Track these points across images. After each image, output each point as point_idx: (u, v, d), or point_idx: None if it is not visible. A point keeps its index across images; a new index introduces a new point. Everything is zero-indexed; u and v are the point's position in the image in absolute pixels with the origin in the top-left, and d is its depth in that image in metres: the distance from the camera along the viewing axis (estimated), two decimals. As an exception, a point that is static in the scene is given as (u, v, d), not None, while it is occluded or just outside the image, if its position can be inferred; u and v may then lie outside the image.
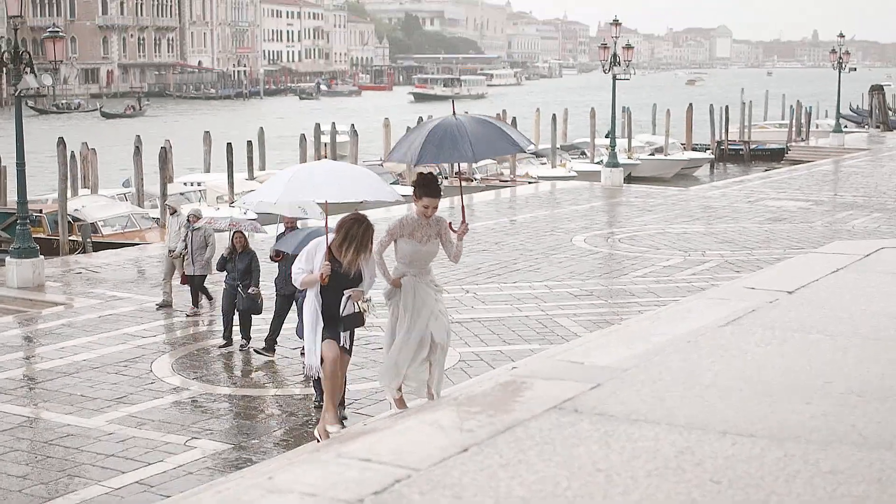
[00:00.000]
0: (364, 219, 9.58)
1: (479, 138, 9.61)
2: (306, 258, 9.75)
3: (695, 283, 19.25)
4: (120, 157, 51.89)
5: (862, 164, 44.48)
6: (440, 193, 9.90)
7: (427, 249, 9.83)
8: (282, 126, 79.57)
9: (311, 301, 9.71)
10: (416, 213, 9.85)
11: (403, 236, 9.80)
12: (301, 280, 9.75)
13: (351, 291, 9.64)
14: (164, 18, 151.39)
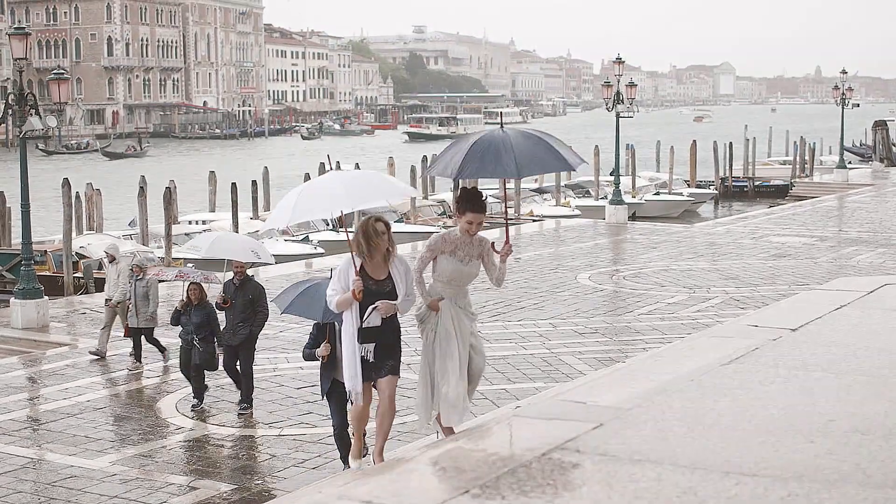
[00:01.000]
0: (379, 218, 9.11)
1: (525, 153, 8.98)
2: (339, 277, 9.14)
3: (700, 321, 19.21)
4: (123, 197, 51.98)
5: (866, 200, 44.46)
6: (485, 209, 9.30)
7: (468, 270, 9.25)
8: (286, 166, 79.72)
9: (350, 324, 9.10)
10: (460, 230, 9.23)
11: (445, 253, 9.21)
12: (336, 302, 9.09)
13: (380, 303, 9.00)
14: (169, 59, 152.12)
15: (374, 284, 9.05)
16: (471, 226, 9.12)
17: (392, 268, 9.09)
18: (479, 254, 9.25)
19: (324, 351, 10.98)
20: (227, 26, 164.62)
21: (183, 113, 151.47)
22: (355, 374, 9.06)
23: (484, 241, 9.32)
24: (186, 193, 48.13)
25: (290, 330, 18.97)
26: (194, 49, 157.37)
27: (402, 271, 9.14)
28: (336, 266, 9.48)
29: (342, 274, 9.11)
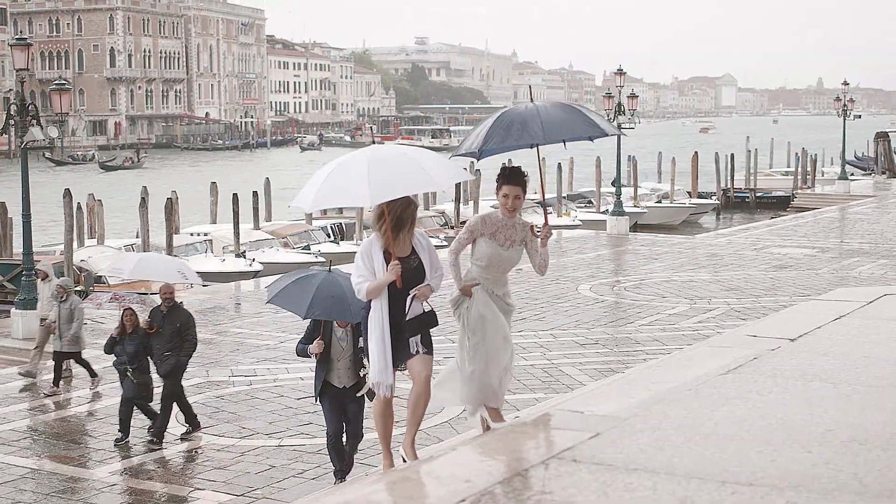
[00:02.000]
0: (408, 199, 8.35)
1: (553, 118, 8.37)
2: (362, 261, 8.27)
3: (701, 332, 19.20)
4: (122, 209, 52.00)
5: (868, 211, 44.47)
6: (524, 182, 8.63)
7: (508, 255, 8.59)
8: (287, 177, 79.74)
9: (379, 310, 8.24)
10: (500, 212, 8.63)
11: (484, 235, 8.57)
12: (366, 289, 8.20)
13: (417, 290, 8.24)
14: (171, 70, 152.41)
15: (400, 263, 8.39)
16: (507, 199, 8.50)
17: (416, 243, 8.40)
18: (522, 238, 8.64)
19: (316, 348, 10.78)
20: (229, 38, 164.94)
21: (185, 124, 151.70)
22: (385, 367, 8.23)
23: (527, 224, 8.73)
24: (187, 205, 48.17)
25: (290, 340, 18.96)
26: (197, 60, 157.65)
27: (425, 245, 8.47)
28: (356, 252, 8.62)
29: (365, 257, 8.29)
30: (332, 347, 10.89)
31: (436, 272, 8.39)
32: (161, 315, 14.25)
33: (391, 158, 8.27)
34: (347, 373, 10.95)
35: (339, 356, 10.93)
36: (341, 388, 10.98)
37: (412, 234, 8.33)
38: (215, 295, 25.20)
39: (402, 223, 8.22)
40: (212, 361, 18.07)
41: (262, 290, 25.46)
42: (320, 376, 10.91)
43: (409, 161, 8.32)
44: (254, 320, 21.74)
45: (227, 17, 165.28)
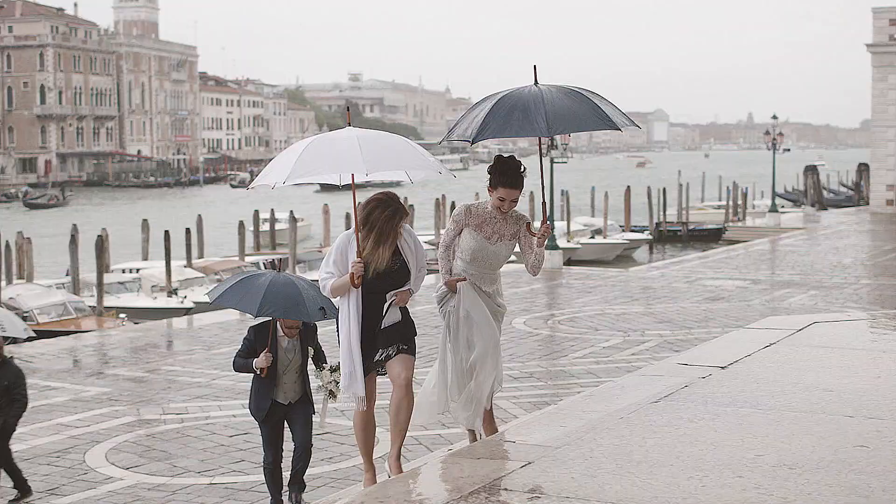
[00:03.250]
0: (391, 201, 7.68)
1: (559, 108, 7.53)
2: (336, 256, 7.71)
3: (634, 363, 19.24)
4: (49, 247, 51.50)
5: (798, 243, 44.99)
6: (522, 184, 7.99)
7: (495, 251, 7.95)
8: (219, 214, 79.39)
9: (347, 312, 7.64)
10: (490, 205, 8.01)
11: (469, 226, 7.96)
12: (329, 286, 7.67)
13: (394, 294, 7.63)
14: (103, 108, 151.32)
15: (371, 267, 7.73)
16: (503, 203, 7.91)
17: (401, 241, 7.74)
18: (514, 233, 7.99)
19: (264, 362, 9.39)
20: (161, 75, 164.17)
21: (117, 161, 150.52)
22: (354, 377, 7.62)
23: (521, 218, 8.08)
24: (117, 242, 47.76)
25: (223, 378, 18.79)
26: (128, 97, 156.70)
27: (411, 244, 7.79)
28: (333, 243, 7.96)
29: (340, 251, 7.70)
30: (277, 360, 9.58)
31: (419, 272, 7.85)
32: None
33: (379, 136, 7.84)
34: (294, 387, 9.65)
35: (285, 368, 9.61)
36: (286, 405, 9.71)
37: (392, 247, 7.66)
38: (147, 332, 24.93)
39: (383, 236, 7.58)
40: (143, 399, 17.84)
41: (194, 328, 25.25)
42: (264, 394, 9.61)
43: (398, 140, 7.87)
44: (186, 358, 21.51)
45: (159, 53, 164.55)
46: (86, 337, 25.36)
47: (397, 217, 7.58)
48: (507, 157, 8.12)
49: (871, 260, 37.61)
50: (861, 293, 28.66)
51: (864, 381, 7.76)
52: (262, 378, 9.51)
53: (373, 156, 7.37)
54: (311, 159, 7.49)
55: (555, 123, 7.51)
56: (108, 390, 18.27)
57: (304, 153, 7.50)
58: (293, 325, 9.38)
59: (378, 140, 7.69)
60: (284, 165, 7.57)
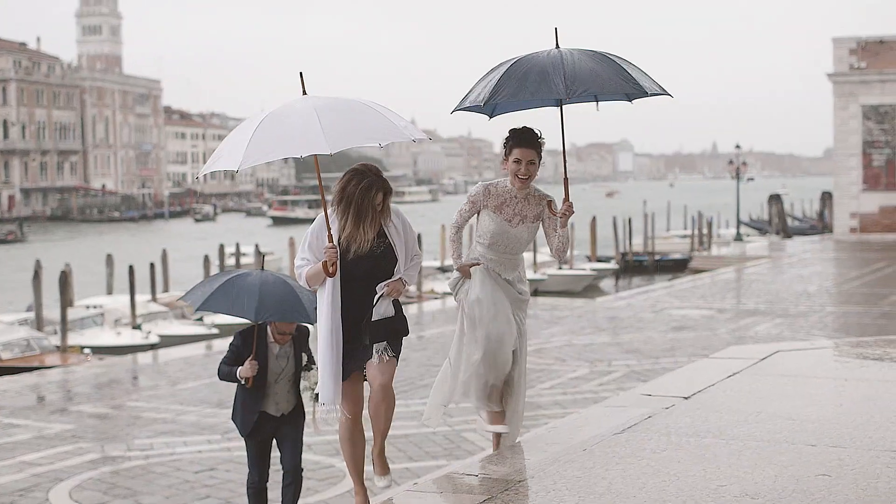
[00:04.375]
0: (368, 171, 6.86)
1: (580, 70, 6.78)
2: (311, 239, 6.82)
3: (601, 394, 19.25)
4: (6, 284, 51.23)
5: (763, 272, 45.20)
6: (538, 145, 7.20)
7: (516, 234, 7.21)
8: (184, 247, 79.11)
9: (325, 304, 6.68)
10: (510, 182, 7.23)
11: (487, 207, 7.23)
12: (304, 274, 6.73)
13: (386, 286, 6.68)
14: (66, 142, 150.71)
15: (351, 252, 6.74)
16: (518, 165, 7.10)
17: (387, 222, 6.82)
18: (536, 214, 7.22)
19: (248, 371, 8.53)
20: (125, 108, 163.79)
21: (81, 196, 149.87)
22: (333, 382, 6.69)
23: (543, 198, 7.30)
24: (80, 277, 47.50)
25: (188, 413, 18.69)
26: (92, 131, 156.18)
27: (399, 226, 6.84)
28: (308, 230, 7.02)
29: (315, 234, 6.82)
30: (267, 369, 8.68)
31: (411, 261, 6.84)
32: None
33: (338, 102, 6.83)
34: (287, 396, 8.76)
35: (276, 377, 8.71)
36: (278, 417, 8.80)
37: (376, 227, 6.74)
38: (111, 368, 24.78)
39: (363, 212, 6.66)
40: (107, 436, 17.71)
41: (159, 363, 25.11)
42: (252, 406, 8.70)
43: (361, 105, 6.86)
44: (151, 393, 21.38)
45: (123, 87, 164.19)
46: (49, 373, 25.17)
47: (374, 189, 6.70)
48: (521, 126, 7.30)
49: (835, 288, 37.84)
50: (826, 321, 28.83)
51: (826, 410, 7.79)
52: (247, 389, 8.64)
53: (335, 128, 6.54)
54: (266, 139, 6.61)
55: (574, 85, 6.75)
56: (71, 427, 18.13)
57: (256, 133, 6.64)
58: (286, 330, 8.60)
59: (338, 108, 6.77)
60: (235, 148, 6.75)
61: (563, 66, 6.77)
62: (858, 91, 56.29)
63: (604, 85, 6.80)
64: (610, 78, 6.82)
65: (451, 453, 15.67)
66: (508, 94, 6.84)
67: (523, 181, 7.19)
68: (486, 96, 6.87)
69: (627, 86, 6.85)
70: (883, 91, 55.94)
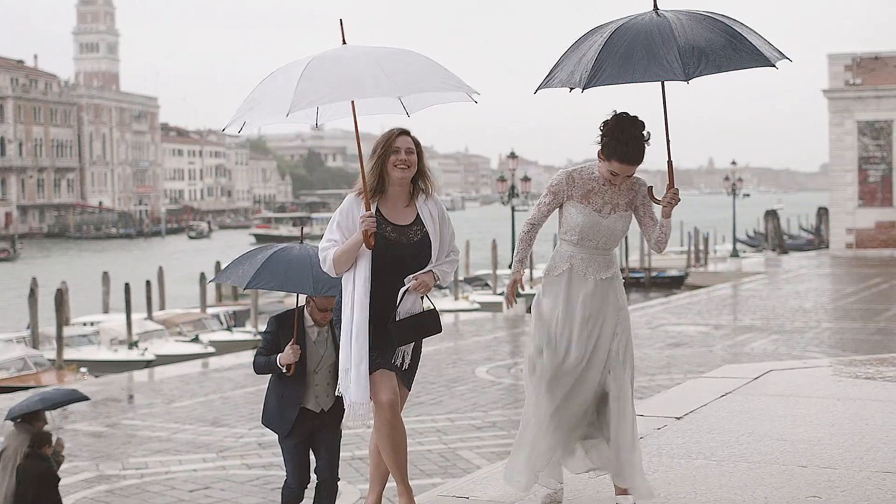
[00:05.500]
0: (404, 129, 6.11)
1: (696, 42, 5.71)
2: (340, 218, 6.01)
3: (596, 411, 19.24)
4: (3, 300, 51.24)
5: (759, 288, 45.24)
6: (642, 157, 6.11)
7: (609, 226, 6.18)
8: (180, 265, 79.12)
9: (351, 293, 5.89)
10: (597, 169, 6.23)
11: (573, 198, 6.19)
12: (331, 255, 5.89)
13: (414, 279, 5.92)
14: (63, 159, 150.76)
15: (393, 232, 5.96)
16: (614, 178, 6.12)
17: (421, 208, 6.07)
18: (629, 201, 6.23)
19: (291, 356, 7.63)
20: (122, 126, 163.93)
21: (78, 213, 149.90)
22: (359, 380, 5.81)
23: (637, 183, 6.26)
24: (76, 295, 47.48)
25: (183, 431, 18.69)
26: (89, 149, 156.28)
27: (435, 213, 6.09)
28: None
29: (344, 215, 5.99)
30: (306, 356, 7.81)
31: (447, 255, 6.11)
32: None
33: (391, 51, 5.94)
34: (327, 389, 7.85)
35: (316, 366, 7.84)
36: (318, 413, 7.89)
37: (418, 197, 6.07)
38: (107, 386, 24.78)
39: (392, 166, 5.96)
40: (102, 455, 17.72)
41: (155, 381, 25.12)
42: (292, 401, 7.80)
43: (415, 54, 5.96)
44: (146, 411, 21.39)
45: (120, 105, 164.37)
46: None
47: (396, 132, 6.03)
48: (630, 119, 6.05)
49: (832, 304, 37.86)
50: (822, 337, 28.85)
51: (817, 430, 7.80)
52: (287, 380, 7.75)
53: (398, 74, 5.68)
54: (320, 80, 5.66)
55: (692, 62, 5.67)
56: (67, 446, 18.12)
57: (305, 74, 5.67)
58: (327, 306, 7.70)
59: (393, 56, 5.87)
60: (279, 93, 5.77)
61: (675, 39, 5.68)
62: (854, 107, 56.42)
63: (726, 60, 5.74)
64: (730, 49, 5.74)
65: (446, 471, 15.66)
66: (612, 75, 5.73)
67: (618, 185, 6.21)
68: (586, 80, 5.78)
69: (752, 58, 5.77)
70: (878, 107, 56.07)
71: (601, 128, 6.13)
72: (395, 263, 5.89)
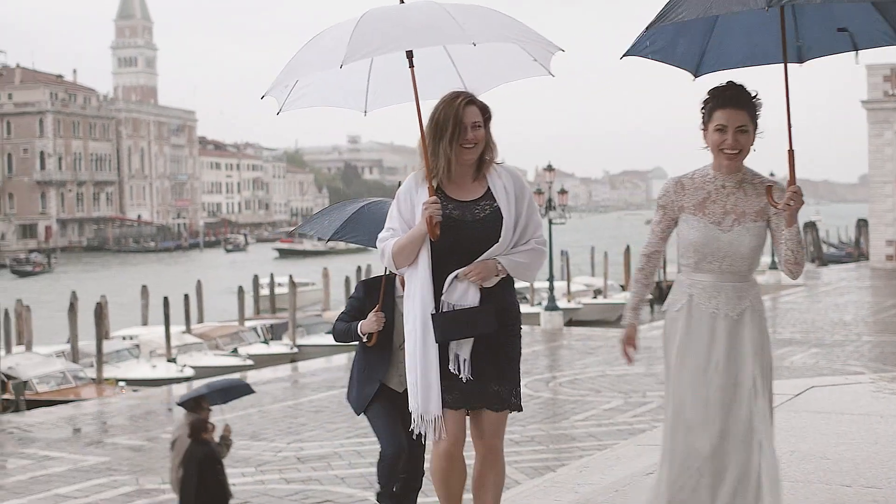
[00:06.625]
0: (471, 97, 5.08)
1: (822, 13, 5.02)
2: (401, 205, 5.15)
3: (636, 426, 19.19)
4: (40, 314, 51.57)
5: (799, 300, 44.94)
6: (752, 106, 4.95)
7: (732, 241, 4.91)
8: (218, 278, 79.38)
9: (413, 292, 5.09)
10: (713, 166, 5.03)
11: (685, 209, 5.01)
12: (391, 248, 5.07)
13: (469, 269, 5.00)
14: (102, 173, 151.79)
15: (455, 209, 5.06)
16: (722, 134, 4.89)
17: (494, 181, 5.14)
18: (759, 210, 4.94)
19: (374, 325, 6.63)
20: (160, 139, 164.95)
21: (117, 226, 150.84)
22: (429, 390, 5.07)
23: (764, 184, 5.00)
24: (113, 308, 47.74)
25: (222, 445, 18.71)
26: (128, 162, 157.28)
27: (509, 186, 5.14)
28: None
29: (404, 198, 5.14)
30: (393, 329, 6.78)
31: (523, 239, 5.09)
32: None
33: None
34: None
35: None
36: (401, 393, 6.49)
37: (488, 168, 5.16)
38: (147, 400, 24.90)
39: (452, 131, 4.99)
40: (142, 468, 17.78)
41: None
42: (371, 375, 6.89)
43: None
44: (185, 425, 21.44)
45: (158, 118, 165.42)
46: (85, 405, 25.32)
47: (461, 97, 5.03)
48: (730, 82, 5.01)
49: (872, 316, 37.57)
50: (863, 350, 28.62)
51: (861, 449, 7.72)
52: (370, 354, 6.85)
53: (472, 22, 4.91)
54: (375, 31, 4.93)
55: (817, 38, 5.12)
56: (107, 459, 18.22)
57: (359, 27, 4.93)
58: None
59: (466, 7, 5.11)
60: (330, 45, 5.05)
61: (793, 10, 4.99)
62: (893, 118, 56.03)
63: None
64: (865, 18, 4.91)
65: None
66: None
67: (732, 158, 4.93)
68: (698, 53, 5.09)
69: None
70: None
71: (701, 107, 5.04)
72: (459, 247, 4.98)
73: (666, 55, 5.29)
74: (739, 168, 4.99)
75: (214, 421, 11.24)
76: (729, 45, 5.30)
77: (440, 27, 4.89)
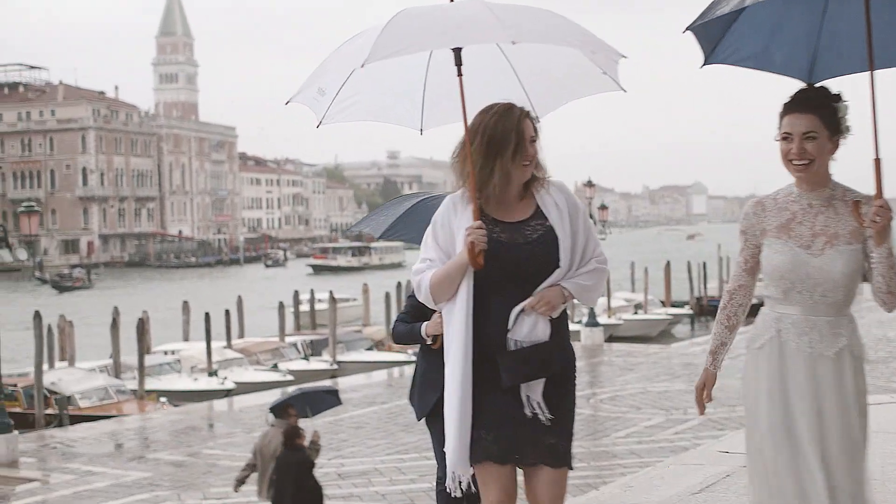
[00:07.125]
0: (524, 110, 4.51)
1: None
2: (438, 231, 4.54)
3: (677, 443, 19.05)
4: (80, 330, 51.88)
5: (840, 317, 44.62)
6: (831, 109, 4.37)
7: (823, 266, 4.36)
8: (259, 294, 79.60)
9: (452, 331, 4.45)
10: (795, 183, 4.48)
11: (767, 233, 4.47)
12: (428, 280, 4.47)
13: (536, 299, 4.40)
14: (143, 189, 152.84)
15: (504, 232, 4.48)
16: (789, 146, 4.36)
17: (543, 198, 4.56)
18: (857, 231, 4.35)
19: (438, 327, 5.67)
20: (201, 155, 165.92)
21: (158, 242, 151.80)
22: (459, 442, 4.43)
23: (852, 202, 4.38)
24: (155, 323, 48.04)
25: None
26: (169, 178, 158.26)
27: (562, 203, 4.54)
28: None
29: (441, 224, 4.55)
30: None
31: (584, 262, 4.53)
32: None
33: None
34: None
35: None
36: None
37: (537, 186, 4.55)
38: (188, 415, 24.98)
39: (502, 145, 4.40)
40: (184, 484, 17.83)
41: (235, 410, 25.28)
42: (435, 381, 5.67)
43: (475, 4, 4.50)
44: (227, 440, 21.50)
45: (199, 134, 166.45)
46: (127, 420, 25.43)
47: (516, 110, 4.46)
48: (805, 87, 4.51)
49: (915, 333, 37.18)
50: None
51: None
52: (433, 357, 5.88)
53: (518, 20, 4.39)
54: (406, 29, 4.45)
55: None
56: (148, 475, 18.28)
57: (389, 27, 4.44)
58: None
59: (515, 7, 4.56)
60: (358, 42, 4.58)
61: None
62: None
63: None
64: None
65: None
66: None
67: (800, 169, 4.37)
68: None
69: None
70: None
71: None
72: (510, 273, 4.38)
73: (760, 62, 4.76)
74: (825, 183, 4.42)
75: (303, 426, 11.40)
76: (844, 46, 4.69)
77: (476, 25, 4.38)
